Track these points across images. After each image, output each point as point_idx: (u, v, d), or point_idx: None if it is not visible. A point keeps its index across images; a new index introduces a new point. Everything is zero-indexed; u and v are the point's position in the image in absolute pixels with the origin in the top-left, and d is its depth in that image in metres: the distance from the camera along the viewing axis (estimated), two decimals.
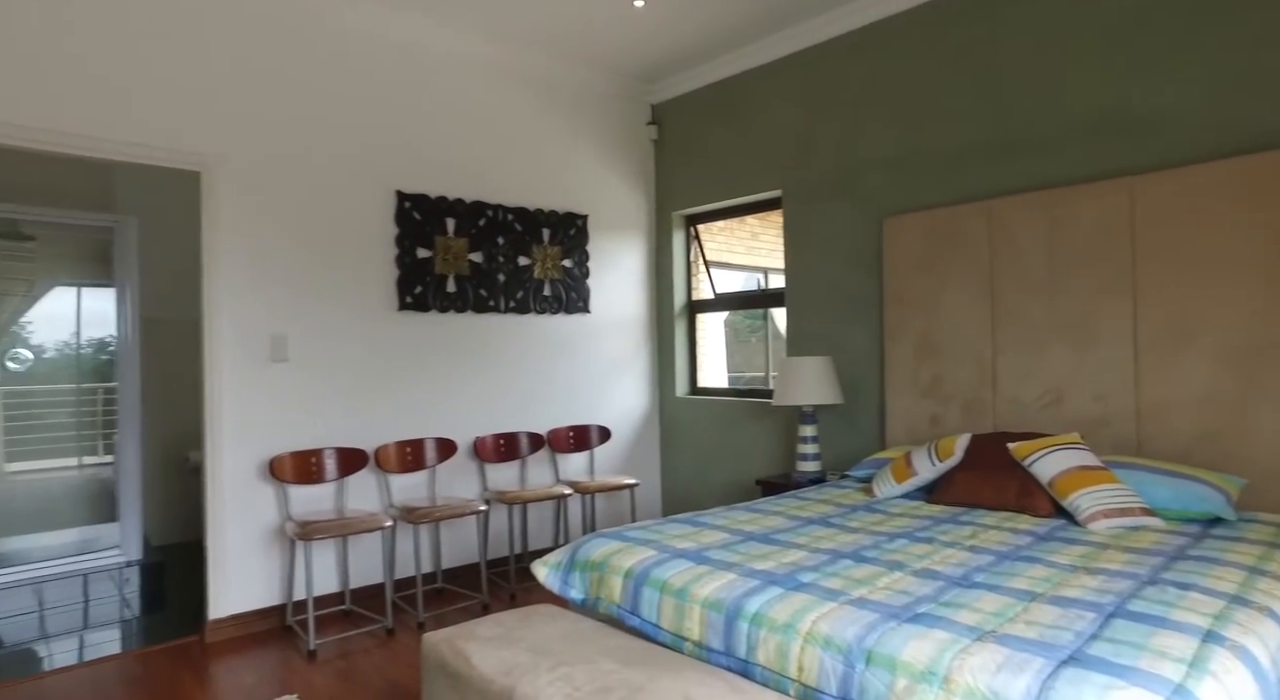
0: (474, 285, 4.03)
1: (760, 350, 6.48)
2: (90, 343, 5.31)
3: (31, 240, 4.45)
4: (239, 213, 3.33)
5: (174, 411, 4.82)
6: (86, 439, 5.25)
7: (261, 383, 3.37)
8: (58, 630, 3.41)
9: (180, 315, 4.79)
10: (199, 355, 3.28)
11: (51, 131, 2.91)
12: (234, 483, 3.29)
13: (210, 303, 3.26)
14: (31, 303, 5.06)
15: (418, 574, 3.45)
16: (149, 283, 4.68)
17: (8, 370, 4.73)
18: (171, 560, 4.39)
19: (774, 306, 4.57)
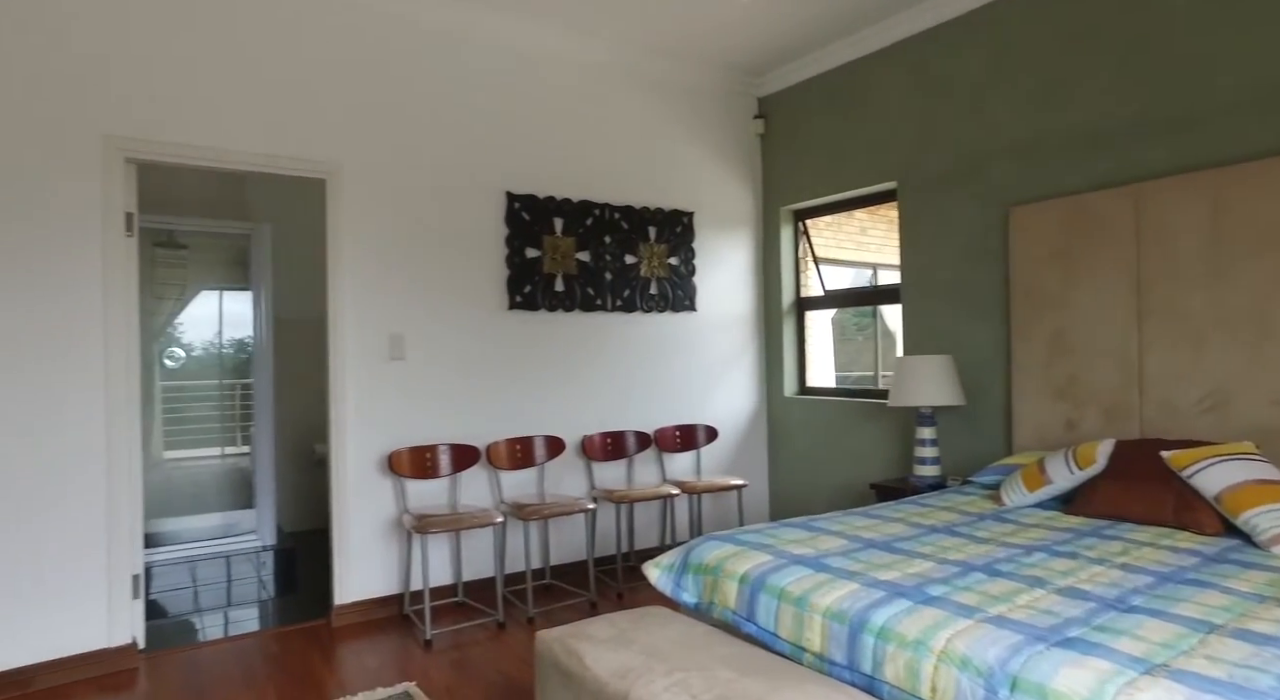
0: (581, 284, 4.06)
1: (868, 348, 6.23)
2: (230, 342, 5.73)
3: (184, 248, 4.84)
4: (359, 217, 3.48)
5: (302, 406, 5.12)
6: (227, 431, 5.67)
7: (381, 380, 3.52)
8: (207, 605, 3.68)
9: (306, 315, 5.09)
10: (324, 354, 3.45)
11: (203, 148, 3.13)
12: (356, 476, 3.44)
13: (335, 303, 3.42)
14: (183, 306, 5.51)
15: (527, 569, 3.50)
16: (279, 285, 4.99)
17: (165, 368, 5.17)
18: (301, 546, 4.66)
19: (887, 303, 4.36)
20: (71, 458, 2.90)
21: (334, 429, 3.40)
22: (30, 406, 2.84)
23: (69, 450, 2.90)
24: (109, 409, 2.97)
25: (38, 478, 2.84)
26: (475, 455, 3.67)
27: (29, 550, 2.82)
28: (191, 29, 3.13)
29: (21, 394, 2.82)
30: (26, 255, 2.84)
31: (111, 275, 2.99)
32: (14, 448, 2.81)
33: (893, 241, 4.66)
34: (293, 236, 5.07)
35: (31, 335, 2.85)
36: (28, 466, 2.83)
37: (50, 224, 2.88)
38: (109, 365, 2.98)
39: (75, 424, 2.91)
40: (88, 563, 2.92)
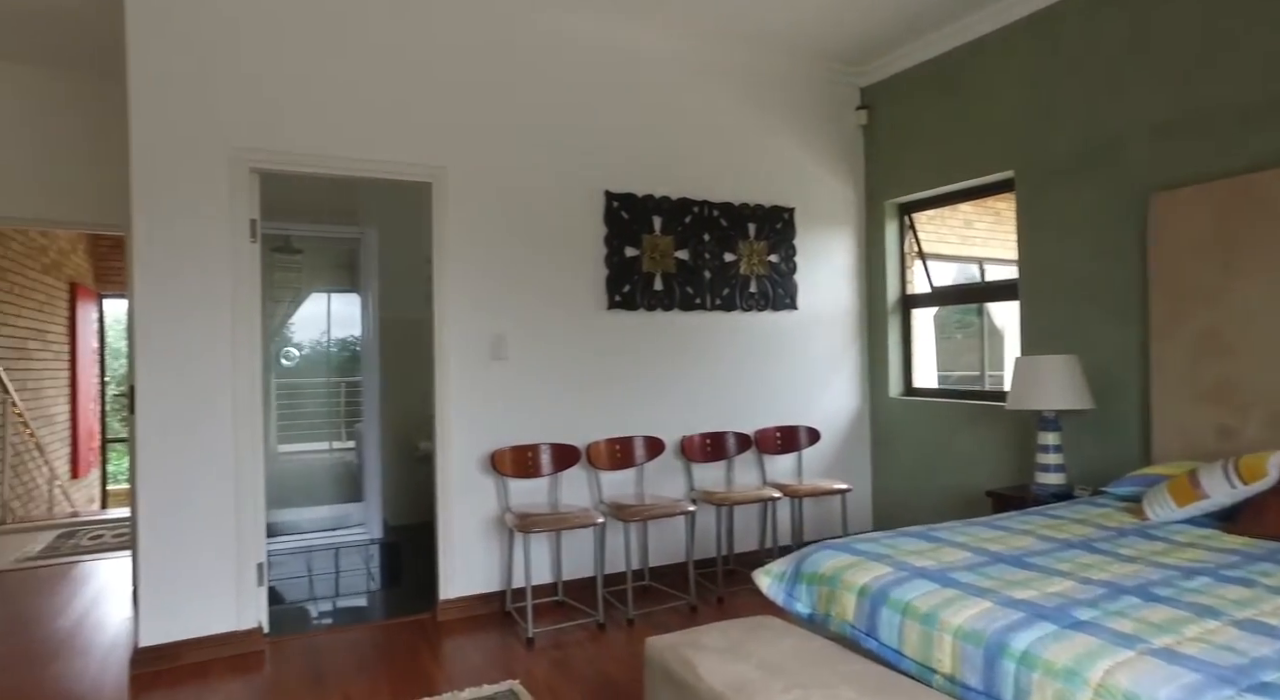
0: (680, 283, 4.01)
1: (971, 347, 5.92)
2: (335, 342, 5.98)
3: (299, 253, 5.07)
4: (463, 219, 3.54)
5: (406, 404, 5.28)
6: (333, 426, 5.92)
7: (483, 380, 3.57)
8: (321, 594, 3.84)
9: (409, 316, 5.23)
10: (430, 353, 3.52)
11: (319, 156, 3.26)
12: (460, 474, 3.50)
13: (441, 304, 3.49)
14: (296, 308, 5.78)
15: (627, 570, 3.48)
16: (384, 287, 5.16)
17: (282, 366, 5.45)
18: (406, 540, 4.81)
19: (1001, 300, 4.10)
20: (206, 453, 3.07)
21: (439, 428, 3.47)
22: (174, 407, 3.02)
23: (204, 446, 3.07)
24: (235, 406, 3.13)
25: (181, 472, 3.02)
26: (575, 455, 3.67)
27: (175, 537, 3.01)
28: (307, 43, 3.25)
29: (168, 396, 3.01)
30: (169, 264, 3.02)
31: (239, 280, 3.14)
32: (163, 445, 2.99)
33: (1001, 234, 4.40)
34: (397, 240, 5.24)
35: (173, 340, 3.02)
36: (175, 461, 3.01)
37: (188, 234, 3.05)
38: (236, 366, 3.13)
39: (209, 421, 3.07)
40: (220, 550, 3.08)
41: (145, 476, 2.98)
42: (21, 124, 4.39)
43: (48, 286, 6.77)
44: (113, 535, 5.22)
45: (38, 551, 4.82)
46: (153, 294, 3.00)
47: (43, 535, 5.28)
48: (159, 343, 3.00)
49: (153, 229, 3.00)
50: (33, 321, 6.42)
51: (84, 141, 4.50)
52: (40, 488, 6.57)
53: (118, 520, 5.71)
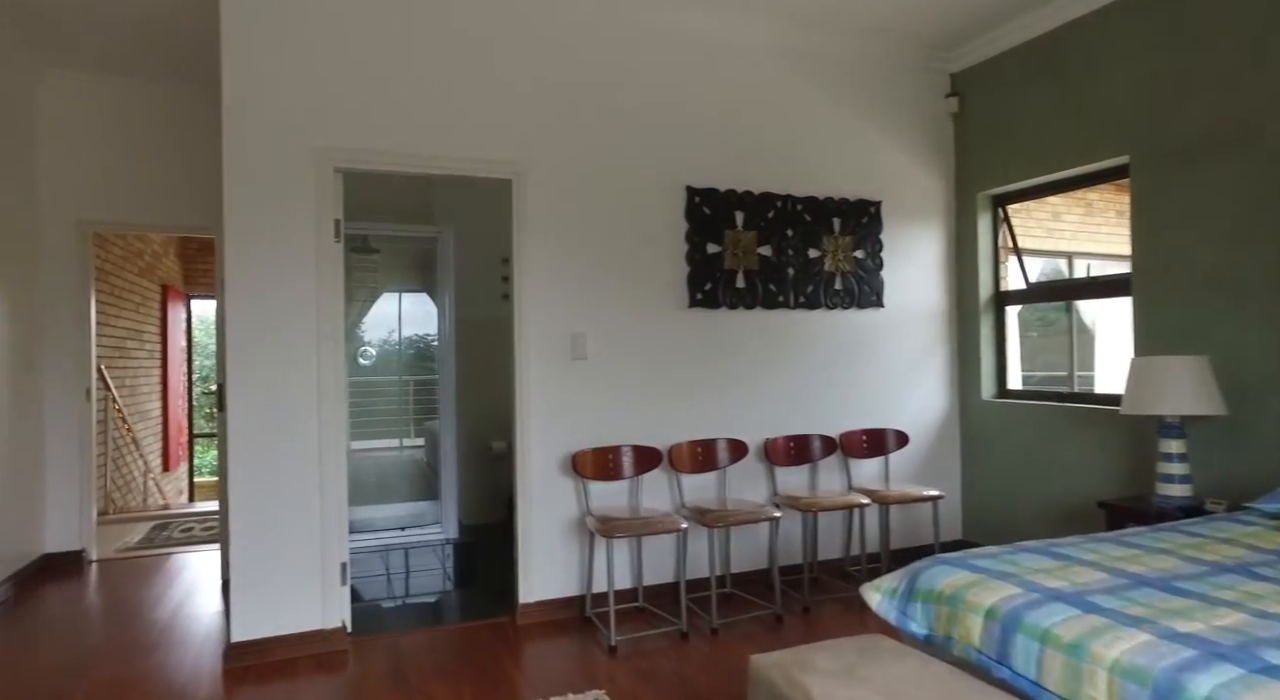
0: (763, 280, 3.87)
1: (1053, 346, 5.59)
2: (404, 340, 6.04)
3: (376, 253, 5.12)
4: (543, 217, 3.48)
5: (479, 403, 5.27)
6: (402, 424, 5.98)
7: (563, 380, 3.50)
8: (399, 593, 3.84)
9: (481, 316, 5.22)
10: (502, 352, 3.47)
11: (400, 154, 3.25)
12: (540, 476, 3.44)
13: (520, 303, 3.44)
14: (370, 307, 5.87)
15: (711, 577, 3.36)
16: (458, 286, 5.17)
17: (358, 365, 5.53)
18: (480, 540, 4.80)
19: (1110, 296, 3.81)
20: (292, 451, 3.09)
21: (519, 429, 3.42)
22: (261, 405, 3.05)
23: (290, 444, 3.09)
24: (320, 405, 3.14)
25: (269, 471, 3.05)
26: (657, 458, 3.57)
27: (263, 536, 3.03)
28: (389, 42, 3.24)
29: (256, 394, 3.04)
30: (258, 264, 3.05)
31: (323, 280, 3.15)
32: (252, 444, 3.02)
33: (1092, 227, 4.12)
34: (472, 240, 5.23)
35: (261, 338, 3.05)
36: (263, 460, 3.04)
37: (276, 233, 3.08)
38: (320, 364, 3.14)
39: (295, 419, 3.09)
40: (306, 549, 3.10)
41: (235, 475, 3.01)
42: (121, 133, 4.55)
43: (143, 288, 7.06)
44: (202, 528, 5.38)
45: (135, 542, 5.00)
46: (242, 293, 3.03)
47: (139, 526, 5.49)
48: (247, 341, 3.03)
49: (243, 229, 3.03)
50: (130, 322, 6.70)
51: (177, 148, 4.64)
52: (136, 480, 6.86)
53: (205, 514, 5.90)
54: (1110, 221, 6.67)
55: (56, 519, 4.46)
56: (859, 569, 3.96)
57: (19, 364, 4.09)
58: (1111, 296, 3.81)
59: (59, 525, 4.46)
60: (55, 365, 4.45)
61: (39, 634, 3.39)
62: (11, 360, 4.00)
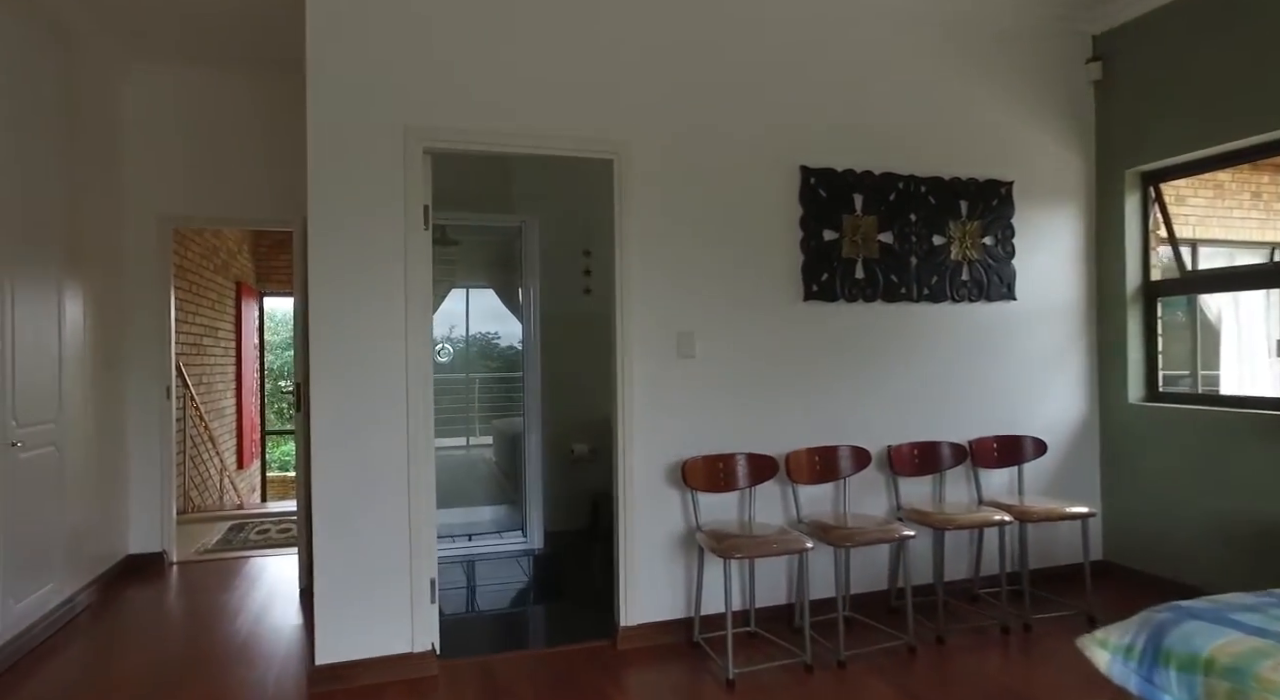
0: (884, 270, 3.48)
1: (1177, 341, 5.06)
2: (474, 337, 5.80)
3: (455, 244, 4.90)
4: (646, 200, 3.17)
5: (556, 403, 4.99)
6: (469, 422, 5.74)
7: (668, 381, 3.18)
8: (485, 608, 3.59)
9: (559, 311, 4.94)
10: (610, 351, 3.17)
11: (492, 133, 2.98)
12: (643, 486, 3.14)
13: (623, 296, 3.13)
14: (440, 301, 5.65)
15: (839, 598, 3.02)
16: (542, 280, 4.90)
17: (437, 363, 5.33)
18: (565, 550, 4.52)
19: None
20: (378, 453, 2.85)
21: (620, 434, 3.12)
22: (347, 406, 2.82)
23: (377, 449, 2.85)
24: (410, 406, 2.89)
25: (354, 478, 2.82)
26: (772, 468, 3.23)
27: (349, 549, 2.81)
28: (480, 15, 2.97)
29: (341, 394, 2.81)
30: (343, 254, 2.82)
31: (411, 270, 2.91)
32: (337, 447, 2.80)
33: (1221, 210, 3.63)
34: (548, 231, 4.96)
35: (346, 334, 2.82)
36: (348, 463, 2.81)
37: (362, 222, 2.84)
38: (410, 361, 2.90)
39: (381, 421, 2.85)
40: (393, 564, 2.86)
41: (318, 478, 2.79)
42: (203, 126, 4.42)
43: (219, 285, 7.04)
44: (277, 530, 5.26)
45: (214, 543, 4.90)
46: (326, 285, 2.80)
47: (217, 526, 5.41)
48: (332, 336, 2.80)
49: (327, 217, 2.80)
50: (207, 319, 6.67)
51: (258, 140, 4.49)
52: (212, 478, 6.83)
53: (280, 515, 5.80)
54: (1244, 204, 6.02)
55: (139, 519, 4.36)
56: (993, 592, 3.53)
57: (101, 362, 3.98)
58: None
59: (142, 526, 4.36)
60: (136, 363, 4.35)
61: (122, 642, 3.25)
62: (95, 359, 3.90)
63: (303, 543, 4.08)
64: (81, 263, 3.73)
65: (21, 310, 3.11)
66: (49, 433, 3.33)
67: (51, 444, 3.35)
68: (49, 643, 3.22)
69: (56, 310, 3.44)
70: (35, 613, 3.19)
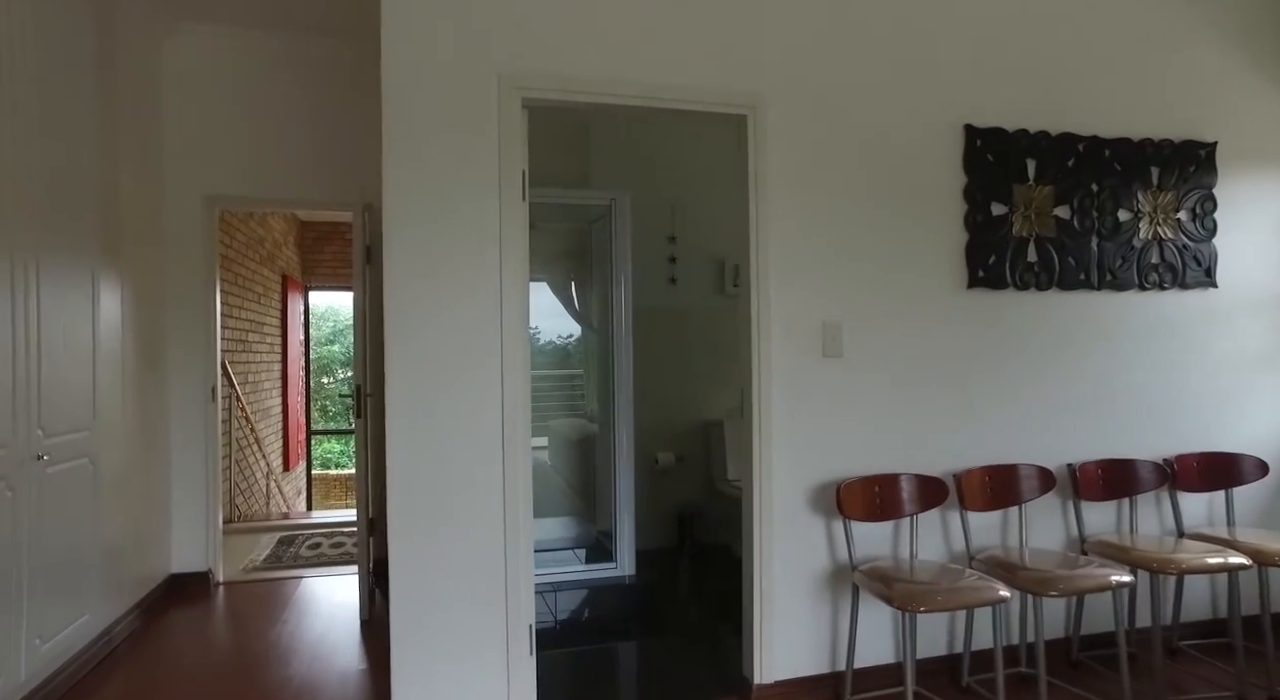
0: (1060, 251, 2.87)
1: None
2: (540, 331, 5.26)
3: (532, 229, 4.37)
4: (784, 166, 2.60)
5: (639, 407, 4.45)
6: (536, 423, 5.20)
7: (813, 384, 2.62)
8: (575, 643, 3.06)
9: (641, 303, 4.39)
10: (746, 349, 2.61)
11: (610, 82, 2.44)
12: (782, 511, 2.58)
13: (759, 281, 2.57)
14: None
15: (1040, 654, 2.42)
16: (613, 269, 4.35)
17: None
18: (660, 577, 3.96)
19: None
20: (467, 468, 2.34)
21: (756, 449, 2.55)
22: (429, 411, 2.30)
23: (465, 459, 2.34)
24: (504, 414, 2.37)
25: (437, 491, 2.30)
26: (941, 492, 2.65)
27: (431, 586, 2.29)
28: None
29: (424, 397, 2.30)
30: (429, 235, 2.31)
31: (508, 251, 2.39)
32: (417, 459, 2.29)
33: None
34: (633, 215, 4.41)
35: (428, 327, 2.31)
36: (430, 478, 2.30)
37: (448, 195, 2.32)
38: (505, 357, 2.37)
39: (471, 429, 2.34)
40: (486, 603, 2.34)
41: (395, 497, 2.28)
42: (254, 95, 3.96)
43: (264, 278, 6.63)
44: (330, 545, 4.81)
45: (262, 560, 4.45)
46: (405, 271, 2.29)
47: (264, 539, 4.97)
48: (411, 328, 2.29)
49: (406, 192, 2.29)
50: (252, 314, 6.26)
51: (317, 111, 4.03)
52: (258, 482, 6.43)
53: (331, 526, 5.35)
54: None
55: (183, 535, 3.92)
56: (1197, 645, 2.91)
57: (143, 362, 3.54)
58: None
59: (185, 542, 3.93)
60: (179, 362, 3.91)
61: (163, 683, 2.78)
62: (137, 357, 3.45)
63: (363, 563, 3.60)
64: (120, 249, 3.27)
65: (49, 303, 2.64)
66: (82, 443, 2.87)
67: (85, 455, 2.90)
68: (83, 684, 2.77)
69: (91, 304, 2.98)
70: (67, 651, 2.74)
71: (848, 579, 2.58)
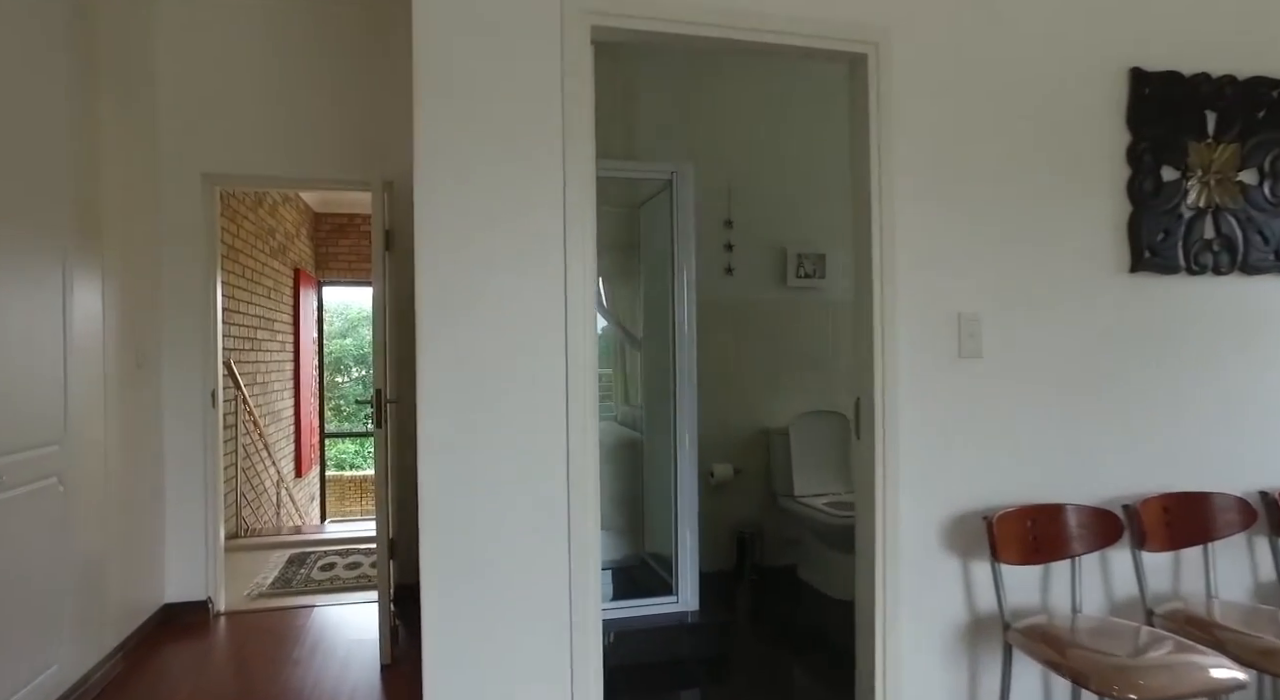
0: (1245, 225, 2.32)
1: None
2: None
3: None
4: (909, 120, 2.07)
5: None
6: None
7: (946, 391, 2.09)
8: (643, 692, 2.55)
9: (708, 298, 3.89)
10: (866, 344, 2.08)
11: (698, 9, 1.92)
12: (910, 550, 2.05)
13: (882, 262, 2.04)
14: None
15: None
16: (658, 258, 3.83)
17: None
18: (722, 610, 3.43)
19: None
20: (528, 490, 1.82)
21: (880, 469, 2.03)
22: (473, 420, 1.79)
23: (524, 479, 1.82)
24: (570, 416, 1.86)
25: (488, 520, 1.80)
26: (1114, 527, 2.10)
27: (473, 634, 1.78)
28: None
29: (466, 403, 1.79)
30: (476, 206, 1.80)
31: (574, 218, 1.87)
32: (458, 480, 1.78)
33: None
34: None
35: (474, 322, 1.80)
36: (473, 503, 1.79)
37: (500, 156, 1.81)
38: (571, 352, 1.86)
39: (538, 444, 1.83)
40: (547, 648, 1.83)
41: (431, 542, 1.77)
42: (259, 56, 3.47)
43: (275, 272, 6.16)
44: (345, 565, 4.32)
45: (269, 584, 3.96)
46: (443, 252, 1.78)
47: (272, 558, 4.49)
48: (450, 321, 1.78)
49: (445, 155, 1.78)
50: (262, 309, 5.79)
51: (329, 78, 3.54)
52: (268, 491, 5.96)
53: (346, 543, 4.86)
54: None
55: (178, 559, 3.44)
56: None
57: (130, 360, 3.06)
58: None
59: (181, 567, 3.44)
60: (175, 361, 3.43)
61: None
62: (122, 359, 2.97)
63: (383, 594, 3.11)
64: (100, 234, 2.79)
65: (2, 298, 2.16)
66: (48, 460, 2.39)
67: (52, 474, 2.41)
68: None
69: (62, 297, 2.49)
70: None
71: (994, 636, 2.06)
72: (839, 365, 4.18)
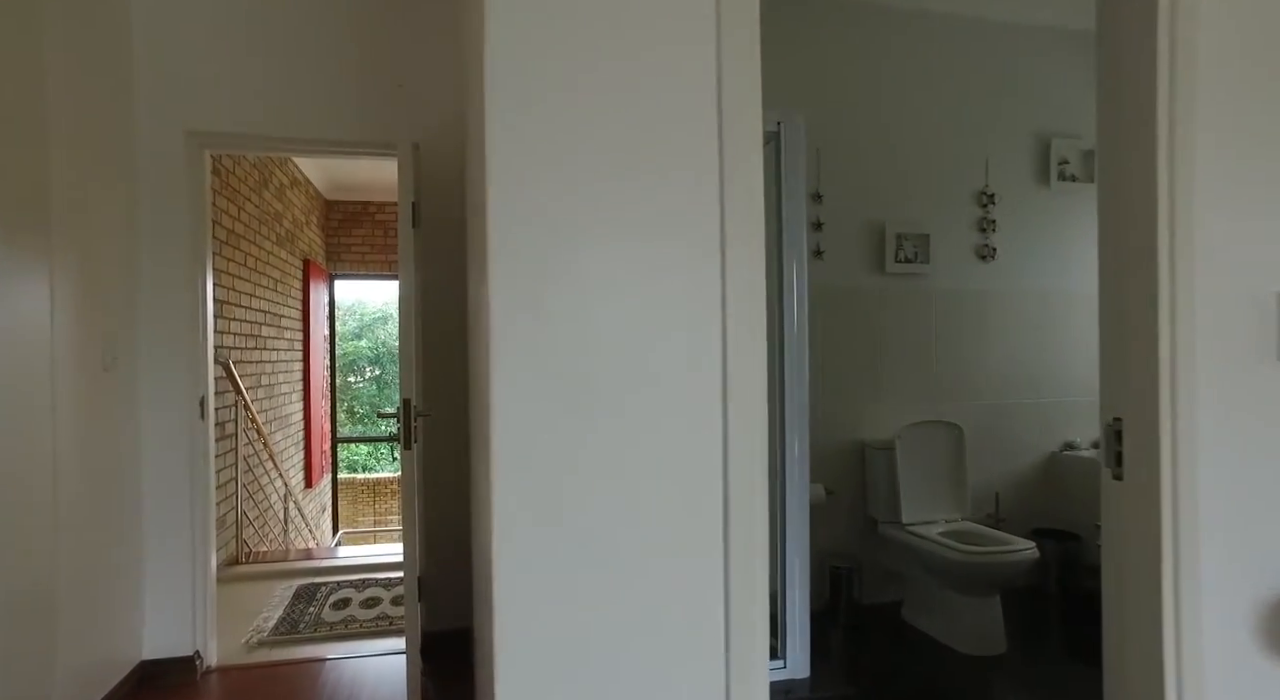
0: None
1: None
2: None
3: None
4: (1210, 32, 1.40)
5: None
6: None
7: (1260, 410, 1.41)
8: None
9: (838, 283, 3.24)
10: (1148, 340, 1.40)
11: None
12: (1219, 655, 1.37)
13: (1172, 224, 1.36)
14: None
15: None
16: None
17: None
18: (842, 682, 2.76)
19: None
20: (667, 552, 1.17)
21: (1168, 534, 1.35)
22: (592, 455, 1.14)
23: (661, 536, 1.17)
24: (728, 445, 1.20)
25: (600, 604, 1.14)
26: None
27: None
28: None
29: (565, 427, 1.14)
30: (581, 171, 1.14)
31: (732, 154, 1.21)
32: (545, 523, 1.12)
33: None
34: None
35: (591, 325, 1.15)
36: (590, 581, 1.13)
37: (623, 98, 1.16)
38: (730, 369, 1.20)
39: (678, 485, 1.17)
40: None
41: (508, 623, 1.11)
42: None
43: (281, 262, 5.53)
44: (361, 601, 3.68)
45: (270, 629, 3.32)
46: (525, 224, 1.12)
47: (277, 590, 3.86)
48: (539, 302, 1.12)
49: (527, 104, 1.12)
50: (267, 303, 5.16)
51: (340, 20, 2.91)
52: (274, 506, 5.34)
53: (363, 572, 4.23)
54: None
55: (159, 603, 2.81)
56: None
57: (94, 359, 2.42)
58: None
59: (163, 615, 2.81)
60: (155, 366, 2.79)
61: None
62: (82, 354, 2.34)
63: (412, 643, 2.48)
64: (46, 205, 2.15)
65: None
66: None
67: None
68: None
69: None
70: None
71: None
72: (948, 368, 3.52)
